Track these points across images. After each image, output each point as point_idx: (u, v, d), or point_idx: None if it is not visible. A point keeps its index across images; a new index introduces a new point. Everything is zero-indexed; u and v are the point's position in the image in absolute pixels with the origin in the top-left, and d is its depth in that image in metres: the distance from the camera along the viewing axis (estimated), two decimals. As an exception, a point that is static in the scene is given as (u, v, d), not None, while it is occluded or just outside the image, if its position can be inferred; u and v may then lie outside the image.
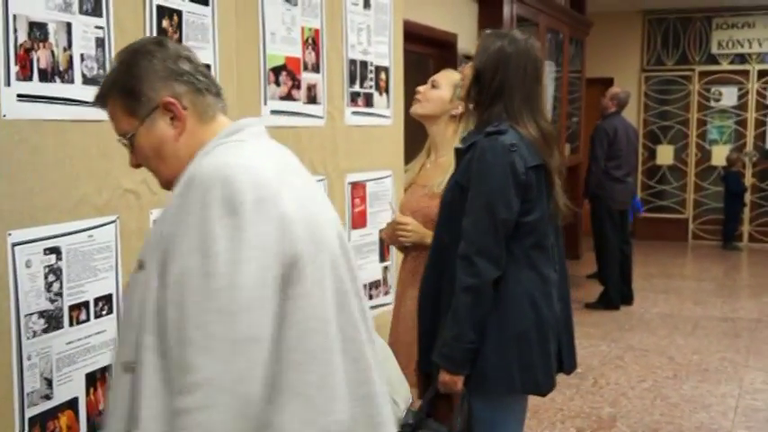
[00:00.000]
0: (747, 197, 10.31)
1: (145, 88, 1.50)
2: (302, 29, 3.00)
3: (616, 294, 7.08)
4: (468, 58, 2.58)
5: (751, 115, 10.41)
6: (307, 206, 1.46)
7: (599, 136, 7.09)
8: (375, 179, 3.71)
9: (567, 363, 2.52)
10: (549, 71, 8.35)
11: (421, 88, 3.06)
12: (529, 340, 2.34)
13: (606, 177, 7.05)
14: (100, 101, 1.56)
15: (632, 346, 5.92)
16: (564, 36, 8.63)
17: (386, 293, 3.64)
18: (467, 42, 6.64)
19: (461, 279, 2.31)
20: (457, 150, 2.52)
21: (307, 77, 3.05)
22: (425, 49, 6.35)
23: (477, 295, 2.29)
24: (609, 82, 10.04)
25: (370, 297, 3.50)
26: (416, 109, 3.06)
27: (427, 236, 2.72)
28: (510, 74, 2.38)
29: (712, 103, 10.67)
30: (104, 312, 2.08)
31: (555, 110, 8.65)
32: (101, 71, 2.04)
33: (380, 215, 3.56)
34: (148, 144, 1.53)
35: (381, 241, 3.50)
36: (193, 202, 1.36)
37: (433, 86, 3.00)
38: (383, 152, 3.76)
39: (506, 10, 6.95)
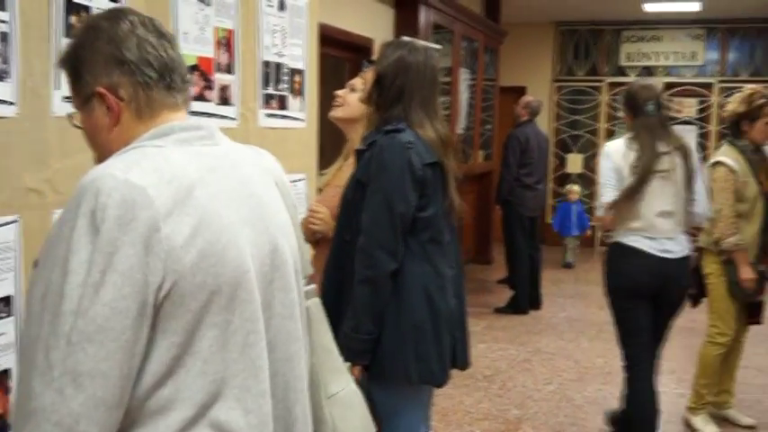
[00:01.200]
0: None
1: (85, 72, 1.39)
2: (216, 29, 2.97)
3: (525, 299, 7.22)
4: (370, 62, 2.67)
5: (656, 127, 10.71)
6: (214, 231, 1.29)
7: (512, 143, 7.23)
8: (292, 181, 3.69)
9: (460, 359, 2.61)
10: (463, 78, 8.48)
11: (340, 92, 3.10)
12: (424, 331, 2.44)
13: (518, 184, 7.19)
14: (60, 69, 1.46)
15: (540, 350, 6.05)
16: (479, 44, 8.77)
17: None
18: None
19: (360, 271, 2.41)
20: (357, 152, 2.60)
21: (220, 78, 3.01)
22: (341, 53, 6.36)
23: (375, 287, 2.39)
24: (522, 91, 10.26)
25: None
26: (335, 113, 3.11)
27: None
28: (409, 80, 2.52)
29: (620, 114, 10.98)
30: (3, 315, 2.01)
31: (469, 116, 8.77)
32: (4, 65, 1.98)
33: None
34: (86, 128, 1.44)
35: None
36: (70, 210, 1.24)
37: (352, 90, 3.04)
38: (297, 155, 3.74)
39: (422, 17, 7.01)
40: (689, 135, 10.66)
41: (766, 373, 5.58)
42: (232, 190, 1.38)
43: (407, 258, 2.44)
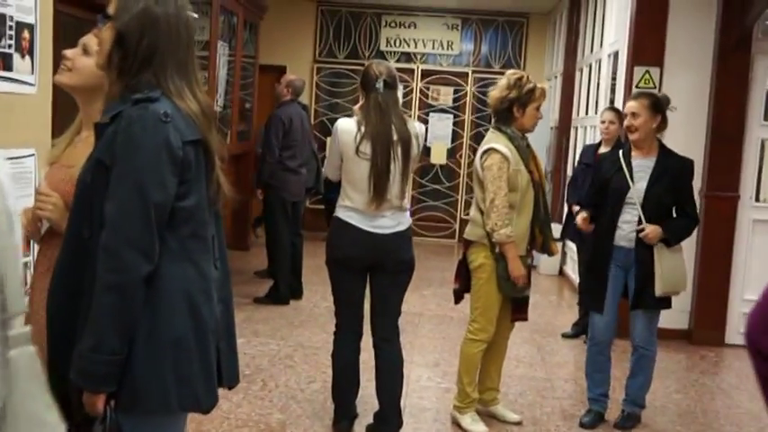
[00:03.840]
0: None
1: None
2: None
3: (286, 289, 6.86)
4: (106, 17, 2.12)
5: (414, 113, 10.82)
6: None
7: (274, 124, 6.81)
8: (13, 158, 3.09)
9: (227, 375, 2.21)
10: (221, 53, 7.94)
11: (69, 52, 2.51)
12: (187, 348, 2.02)
13: (280, 167, 6.80)
14: None
15: (302, 344, 5.72)
16: (238, 18, 8.26)
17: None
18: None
19: (104, 276, 1.93)
20: (97, 126, 2.08)
21: None
22: (87, 15, 5.62)
23: (124, 295, 1.92)
24: (282, 70, 9.86)
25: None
26: (62, 77, 2.52)
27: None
28: (160, 37, 2.06)
29: (379, 99, 10.93)
30: None
31: (227, 94, 8.26)
32: None
33: (20, 204, 2.93)
34: None
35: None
36: None
37: (85, 52, 2.47)
38: (25, 126, 3.17)
39: (178, -18, 6.39)
40: (445, 123, 10.90)
41: (526, 363, 5.62)
42: None
43: (164, 258, 2.00)
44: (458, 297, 4.41)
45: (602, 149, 5.81)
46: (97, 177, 2.00)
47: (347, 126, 3.80)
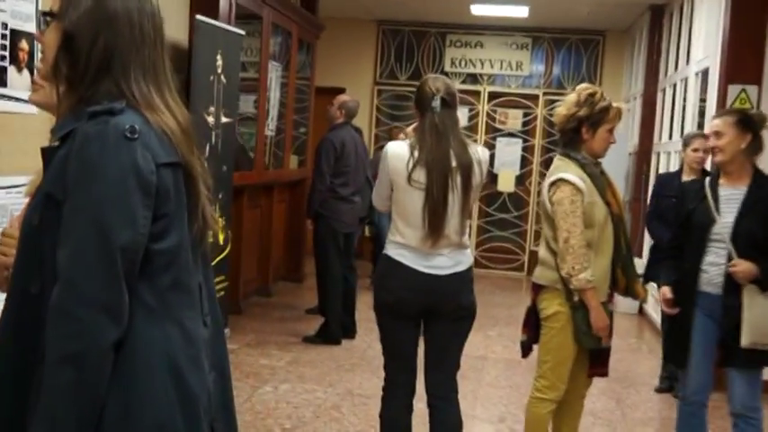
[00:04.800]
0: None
1: None
2: None
3: (337, 327, 6.31)
4: (47, 15, 1.64)
5: (480, 138, 10.26)
6: None
7: (325, 149, 6.29)
8: (7, 187, 2.67)
9: None
10: (274, 74, 7.51)
11: (41, 65, 2.02)
12: None
13: (331, 195, 6.27)
14: None
15: (351, 391, 5.14)
16: (292, 37, 7.81)
17: None
18: (173, 28, 5.58)
19: (56, 345, 1.45)
20: (44, 151, 1.60)
21: None
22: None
23: (83, 369, 1.44)
24: (341, 92, 9.37)
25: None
26: (34, 96, 2.02)
27: None
28: (119, 36, 1.59)
29: (443, 123, 10.39)
30: None
31: (281, 118, 7.82)
32: None
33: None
34: None
35: None
36: None
37: None
38: (22, 151, 2.73)
39: (223, -3, 5.99)
40: (513, 148, 10.29)
41: (604, 420, 4.95)
42: None
43: (138, 317, 1.52)
44: (526, 350, 3.79)
45: (685, 177, 5.10)
46: (47, 216, 1.53)
47: (398, 150, 3.32)
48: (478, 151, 3.39)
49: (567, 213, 3.42)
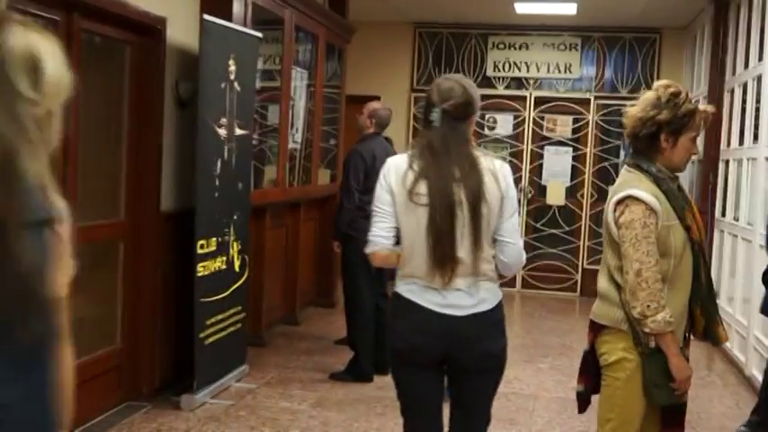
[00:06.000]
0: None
1: None
2: None
3: (368, 362, 5.63)
4: None
5: (527, 146, 9.52)
6: None
7: (354, 162, 5.62)
8: None
9: None
10: (299, 81, 6.88)
11: None
12: None
13: (361, 214, 5.58)
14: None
15: (382, 443, 4.46)
16: (318, 41, 7.17)
17: None
18: (181, 31, 4.99)
19: None
20: None
21: None
22: (119, 34, 4.63)
23: None
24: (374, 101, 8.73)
25: None
26: None
27: None
28: None
29: (486, 131, 9.67)
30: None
31: (308, 129, 7.19)
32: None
33: None
34: None
35: None
36: None
37: None
38: None
39: (238, -5, 5.39)
40: (563, 157, 9.56)
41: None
42: None
43: None
44: (583, 403, 3.10)
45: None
46: None
47: (397, 162, 2.84)
48: (495, 164, 2.80)
49: (638, 239, 2.75)
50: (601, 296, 2.94)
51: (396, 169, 2.79)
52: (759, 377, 5.58)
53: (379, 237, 2.78)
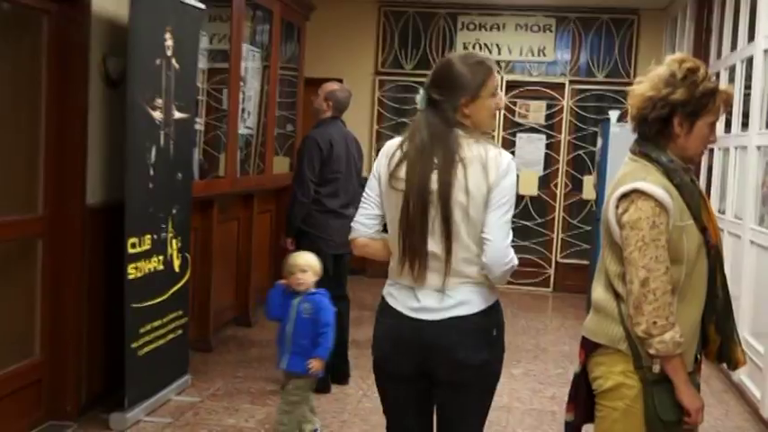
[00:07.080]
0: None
1: None
2: None
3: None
4: None
5: (498, 134, 9.13)
6: None
7: (308, 149, 5.08)
8: None
9: None
10: (251, 61, 6.33)
11: None
12: None
13: (318, 208, 5.06)
14: None
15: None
16: (273, 17, 6.62)
17: None
18: (110, 1, 4.43)
19: None
20: None
21: None
22: (34, 1, 4.06)
23: None
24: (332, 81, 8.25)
25: None
26: None
27: None
28: None
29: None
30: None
31: (261, 114, 6.64)
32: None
33: None
34: None
35: None
36: None
37: None
38: None
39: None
40: (536, 145, 9.14)
41: None
42: None
43: None
44: (574, 430, 2.64)
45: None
46: None
47: (390, 144, 2.63)
48: (488, 153, 2.50)
49: (645, 242, 2.31)
50: (596, 308, 2.50)
51: (386, 151, 2.59)
52: (748, 383, 5.17)
53: (359, 223, 2.63)
